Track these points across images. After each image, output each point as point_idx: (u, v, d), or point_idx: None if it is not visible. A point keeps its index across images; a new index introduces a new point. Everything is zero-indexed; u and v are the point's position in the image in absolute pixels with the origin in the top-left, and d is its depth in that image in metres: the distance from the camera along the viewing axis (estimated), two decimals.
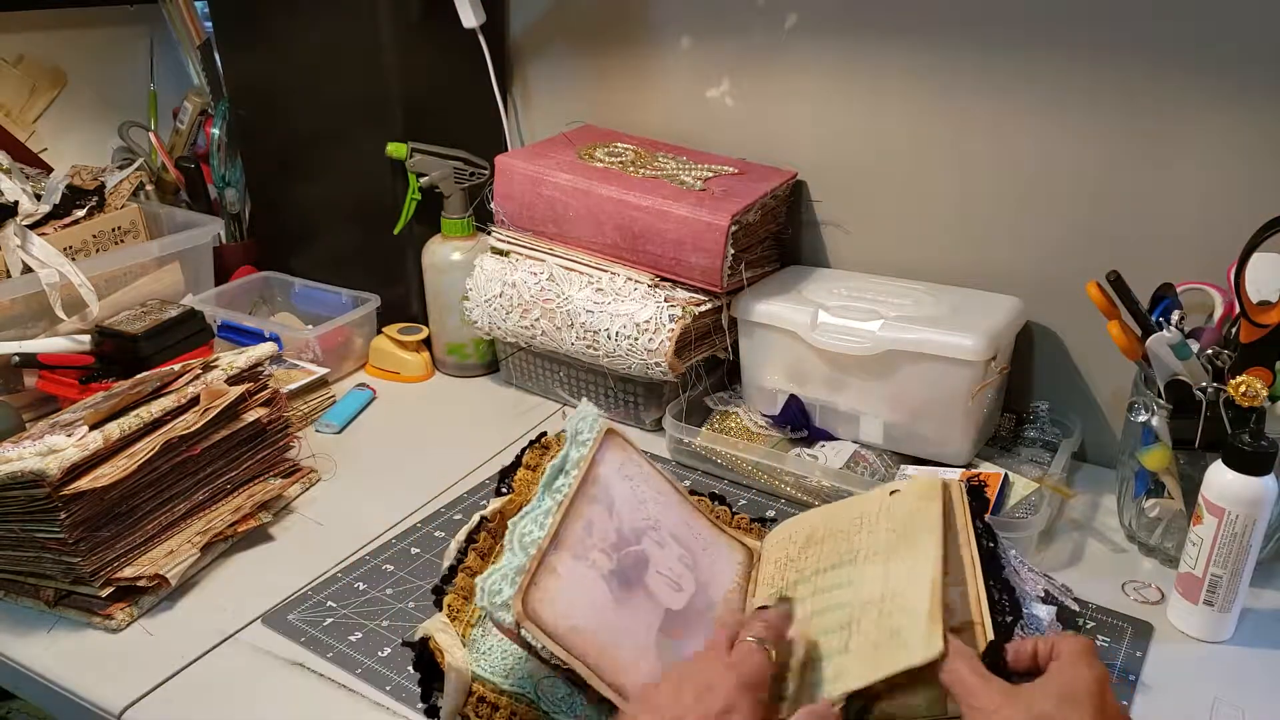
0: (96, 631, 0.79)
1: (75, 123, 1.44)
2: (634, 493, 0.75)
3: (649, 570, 0.70)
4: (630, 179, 1.06)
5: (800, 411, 1.02)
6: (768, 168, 1.12)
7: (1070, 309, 1.00)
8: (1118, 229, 0.96)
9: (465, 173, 1.18)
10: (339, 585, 0.84)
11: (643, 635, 0.65)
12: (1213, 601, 0.75)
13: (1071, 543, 0.90)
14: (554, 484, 0.70)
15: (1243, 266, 0.77)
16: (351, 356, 1.25)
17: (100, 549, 0.79)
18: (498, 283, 1.10)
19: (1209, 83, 0.87)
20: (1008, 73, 0.96)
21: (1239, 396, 0.76)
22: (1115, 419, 1.02)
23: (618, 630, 0.63)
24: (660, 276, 1.03)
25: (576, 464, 0.72)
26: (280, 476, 0.95)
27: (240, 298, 1.31)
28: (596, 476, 0.73)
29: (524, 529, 0.66)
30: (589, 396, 1.13)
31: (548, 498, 0.69)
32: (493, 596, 0.60)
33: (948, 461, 0.96)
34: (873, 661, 0.58)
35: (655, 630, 0.66)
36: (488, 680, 0.62)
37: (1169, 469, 0.83)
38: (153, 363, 1.05)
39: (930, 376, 0.92)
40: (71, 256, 1.14)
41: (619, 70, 1.21)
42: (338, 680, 0.73)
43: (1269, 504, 0.71)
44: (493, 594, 0.60)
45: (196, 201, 1.42)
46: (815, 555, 0.72)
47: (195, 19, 1.45)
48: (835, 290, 1.03)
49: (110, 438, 0.79)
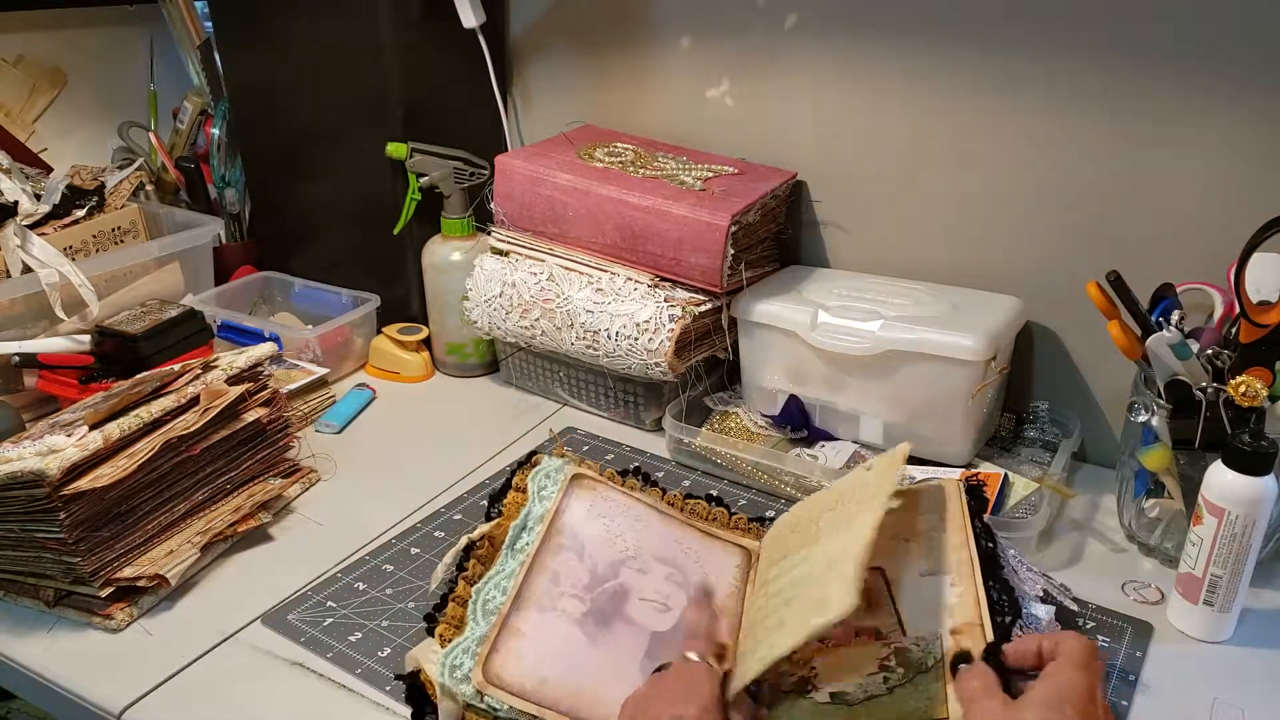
0: (96, 631, 0.79)
1: (75, 123, 1.44)
2: (607, 530, 0.77)
3: (629, 600, 0.72)
4: (630, 179, 1.06)
5: (800, 411, 1.02)
6: (768, 168, 1.12)
7: (1070, 309, 1.00)
8: (1118, 229, 0.96)
9: (465, 173, 1.18)
10: (339, 585, 0.84)
11: (626, 665, 0.67)
12: (1212, 601, 0.75)
13: (1071, 543, 0.90)
14: (517, 544, 0.73)
15: (1243, 266, 0.77)
16: (351, 356, 1.25)
17: (100, 549, 0.79)
18: (498, 283, 1.10)
19: (1209, 83, 0.87)
20: (1008, 73, 0.96)
21: (1239, 396, 0.76)
22: (1115, 419, 1.02)
23: (596, 667, 0.66)
24: (660, 276, 1.03)
25: (540, 518, 0.75)
26: (280, 476, 0.95)
27: (240, 298, 1.31)
28: (562, 526, 0.75)
29: (487, 595, 0.69)
30: (589, 397, 1.13)
31: (511, 559, 0.71)
32: (454, 671, 0.63)
33: (948, 461, 0.96)
34: (798, 628, 0.58)
35: (641, 657, 0.68)
36: (479, 709, 0.63)
37: (1169, 469, 0.83)
38: (153, 363, 1.05)
39: (930, 376, 0.92)
40: (71, 256, 1.14)
41: (619, 70, 1.21)
42: (338, 680, 0.73)
43: (1269, 504, 0.71)
44: (454, 669, 0.63)
45: (196, 201, 1.42)
46: (795, 541, 0.73)
47: (195, 19, 1.45)
48: (835, 290, 1.03)
49: (110, 438, 0.79)
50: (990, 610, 0.62)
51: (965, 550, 0.68)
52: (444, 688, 0.63)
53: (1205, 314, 0.87)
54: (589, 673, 0.65)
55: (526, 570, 0.70)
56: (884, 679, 0.60)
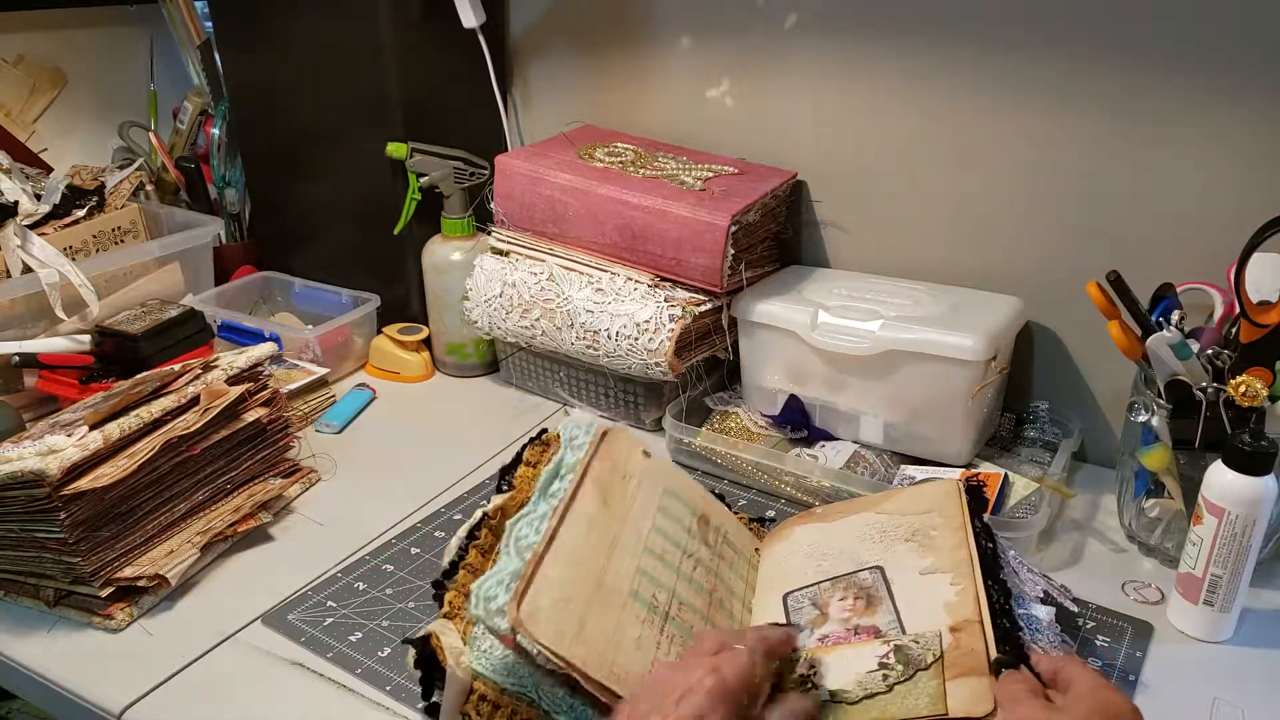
0: (96, 631, 0.79)
1: (75, 123, 1.44)
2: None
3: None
4: (630, 179, 1.06)
5: (800, 411, 1.02)
6: (768, 168, 1.12)
7: (1070, 309, 1.00)
8: (1118, 229, 0.95)
9: (465, 173, 1.18)
10: (339, 585, 0.84)
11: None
12: (1213, 601, 0.75)
13: (1071, 543, 0.90)
14: (549, 488, 0.70)
15: (1243, 266, 0.77)
16: (351, 356, 1.25)
17: (100, 549, 0.79)
18: (498, 283, 1.10)
19: (1208, 83, 0.87)
20: (1008, 73, 0.96)
21: (1239, 396, 0.76)
22: (1115, 419, 1.02)
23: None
24: (660, 276, 1.03)
25: (572, 468, 0.72)
26: (280, 476, 0.95)
27: (240, 298, 1.31)
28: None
29: (519, 532, 0.66)
30: (589, 397, 1.13)
31: (543, 502, 0.69)
32: (488, 603, 0.60)
33: (948, 461, 0.96)
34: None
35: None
36: (488, 679, 0.62)
37: (1169, 469, 0.83)
38: (153, 363, 1.05)
39: (930, 376, 0.92)
40: (71, 256, 1.14)
41: (619, 70, 1.21)
42: (338, 680, 0.73)
43: (1269, 504, 0.71)
44: (488, 599, 0.60)
45: (196, 201, 1.42)
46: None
47: (195, 19, 1.45)
48: (835, 290, 1.03)
49: (110, 438, 0.79)
50: (990, 611, 0.62)
51: (965, 549, 0.68)
52: (451, 650, 0.61)
53: (1205, 314, 0.87)
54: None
55: (560, 518, 0.67)
56: (883, 676, 0.60)
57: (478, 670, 0.62)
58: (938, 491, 0.76)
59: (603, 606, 0.63)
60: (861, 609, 0.67)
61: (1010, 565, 0.72)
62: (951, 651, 0.60)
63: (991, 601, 0.63)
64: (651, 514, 0.74)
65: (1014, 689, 0.55)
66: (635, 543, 0.70)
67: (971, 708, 0.55)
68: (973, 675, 0.58)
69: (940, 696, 0.57)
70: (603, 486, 0.72)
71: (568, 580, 0.63)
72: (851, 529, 0.76)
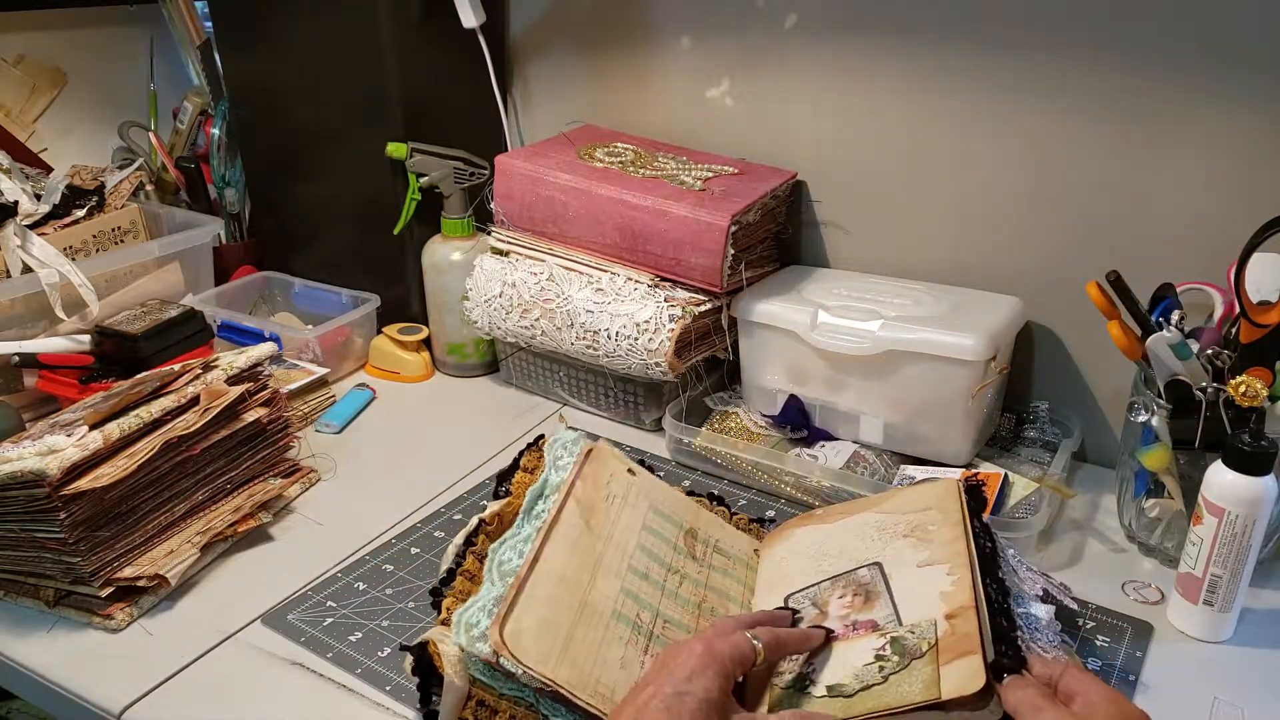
0: (96, 631, 0.79)
1: (75, 123, 1.44)
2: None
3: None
4: (630, 179, 1.06)
5: (800, 411, 1.02)
6: (768, 168, 1.12)
7: (1070, 309, 1.00)
8: (1118, 229, 0.96)
9: (465, 173, 1.18)
10: (339, 585, 0.84)
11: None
12: (1212, 601, 0.75)
13: (1071, 543, 0.90)
14: (533, 510, 0.71)
15: (1243, 266, 0.77)
16: (351, 356, 1.25)
17: (100, 549, 0.79)
18: (498, 283, 1.10)
19: (1208, 83, 0.87)
20: (1007, 73, 0.96)
21: (1239, 396, 0.76)
22: (1115, 419, 1.02)
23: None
24: (660, 276, 1.03)
25: (556, 488, 0.73)
26: (280, 476, 0.95)
27: (240, 298, 1.31)
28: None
29: (503, 556, 0.67)
30: (589, 397, 1.13)
31: (527, 524, 0.70)
32: (470, 630, 0.61)
33: (947, 461, 0.96)
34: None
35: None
36: (487, 685, 0.62)
37: (1169, 469, 0.83)
38: (153, 363, 1.05)
39: (930, 376, 0.92)
40: (71, 256, 1.14)
41: (619, 70, 1.21)
42: (337, 680, 0.73)
43: (1269, 504, 0.71)
44: (469, 627, 0.62)
45: (196, 201, 1.42)
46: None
47: (195, 19, 1.45)
48: (835, 290, 1.03)
49: (110, 438, 0.79)
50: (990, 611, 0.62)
51: (962, 541, 0.68)
52: (448, 656, 0.62)
53: (1205, 314, 0.87)
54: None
55: (543, 538, 0.68)
56: (880, 668, 0.60)
57: (475, 676, 0.62)
58: (937, 490, 0.76)
59: (587, 627, 0.64)
60: (860, 605, 0.67)
61: (1009, 564, 0.72)
62: (946, 638, 0.60)
63: (990, 600, 0.63)
64: (636, 533, 0.74)
65: (1028, 697, 0.54)
66: (619, 563, 0.71)
67: (963, 687, 0.55)
68: (966, 656, 0.57)
69: (934, 682, 0.57)
70: (586, 507, 0.73)
71: (551, 601, 0.64)
72: (851, 529, 0.76)
